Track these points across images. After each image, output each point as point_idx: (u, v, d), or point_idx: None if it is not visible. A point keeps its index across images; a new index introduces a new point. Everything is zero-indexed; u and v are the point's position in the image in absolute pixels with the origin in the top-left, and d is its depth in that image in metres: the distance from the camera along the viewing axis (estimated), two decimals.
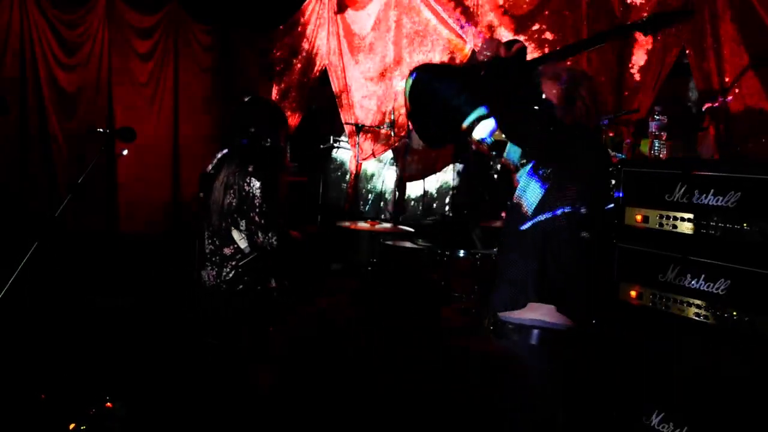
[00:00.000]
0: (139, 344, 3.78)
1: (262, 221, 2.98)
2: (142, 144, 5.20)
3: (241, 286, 3.07)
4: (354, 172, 5.97)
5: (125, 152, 3.38)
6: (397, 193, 5.79)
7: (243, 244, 3.07)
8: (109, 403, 3.17)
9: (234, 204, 3.01)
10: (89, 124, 5.40)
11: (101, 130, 3.32)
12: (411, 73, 2.28)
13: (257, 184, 2.98)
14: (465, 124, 2.21)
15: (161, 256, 5.17)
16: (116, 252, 5.15)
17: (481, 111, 2.18)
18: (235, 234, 3.07)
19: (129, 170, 5.68)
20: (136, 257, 5.07)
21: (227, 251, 3.08)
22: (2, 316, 3.14)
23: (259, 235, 2.99)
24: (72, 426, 3.01)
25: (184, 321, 3.68)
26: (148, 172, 5.83)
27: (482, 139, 2.24)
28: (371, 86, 5.67)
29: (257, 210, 2.97)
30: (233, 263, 3.08)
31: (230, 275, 3.07)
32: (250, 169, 2.99)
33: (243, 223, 3.01)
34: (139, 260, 5.03)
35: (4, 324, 3.48)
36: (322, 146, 6.36)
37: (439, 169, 5.54)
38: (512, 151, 2.25)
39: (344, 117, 5.88)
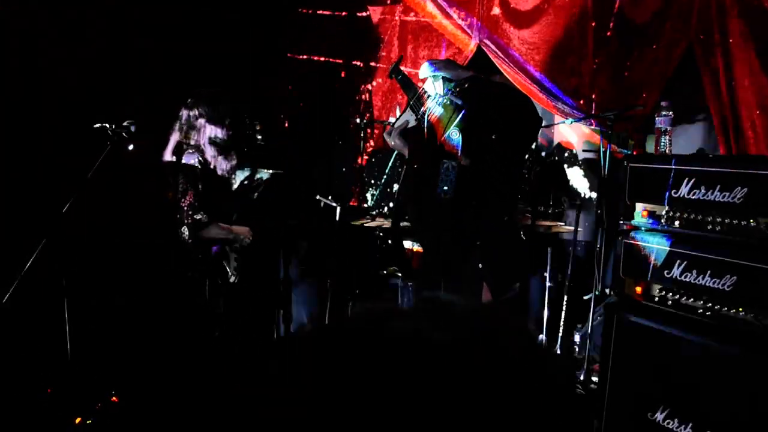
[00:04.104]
0: (145, 340, 3.79)
1: (178, 216, 3.14)
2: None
3: (181, 279, 3.24)
4: (359, 166, 5.97)
5: (131, 147, 3.38)
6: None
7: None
8: (114, 398, 3.19)
9: (171, 198, 3.19)
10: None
11: (108, 125, 3.32)
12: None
13: (180, 178, 3.16)
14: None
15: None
16: (123, 248, 5.15)
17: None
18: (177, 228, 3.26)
19: (135, 165, 5.66)
20: (143, 253, 5.07)
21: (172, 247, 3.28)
22: (10, 312, 3.16)
23: (177, 229, 3.16)
24: (78, 420, 3.03)
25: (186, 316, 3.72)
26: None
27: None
28: (376, 81, 5.67)
29: (178, 205, 3.14)
30: (173, 257, 3.27)
31: (172, 268, 3.26)
32: (181, 162, 3.15)
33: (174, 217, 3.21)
34: (147, 256, 5.03)
35: (11, 320, 3.50)
36: (325, 141, 6.36)
37: None
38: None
39: (349, 112, 5.88)
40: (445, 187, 2.48)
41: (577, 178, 4.72)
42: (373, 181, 5.96)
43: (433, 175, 2.54)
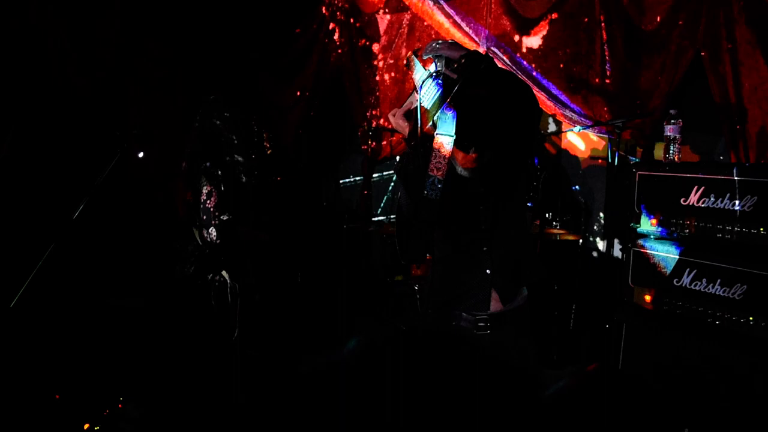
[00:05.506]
0: (153, 345, 3.80)
1: (204, 217, 3.14)
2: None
3: (200, 281, 3.23)
4: (366, 174, 5.98)
5: (141, 155, 3.40)
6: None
7: (199, 240, 3.24)
8: (122, 404, 3.20)
9: (191, 201, 3.18)
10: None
11: (117, 132, 3.34)
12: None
13: (204, 180, 3.15)
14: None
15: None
16: (131, 252, 5.17)
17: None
18: (195, 231, 3.23)
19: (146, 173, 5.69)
20: (150, 257, 5.10)
21: (190, 248, 3.25)
22: (18, 316, 3.17)
23: (202, 231, 3.15)
24: (86, 426, 3.03)
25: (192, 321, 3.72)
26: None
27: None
28: (384, 89, 5.68)
29: (201, 206, 3.13)
30: (192, 259, 3.24)
31: (191, 270, 3.23)
32: (204, 166, 3.16)
33: (197, 219, 3.20)
34: (154, 260, 5.05)
35: (19, 324, 3.52)
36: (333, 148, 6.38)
37: None
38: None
39: (356, 119, 5.89)
40: (432, 178, 2.41)
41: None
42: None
43: (425, 154, 2.49)
